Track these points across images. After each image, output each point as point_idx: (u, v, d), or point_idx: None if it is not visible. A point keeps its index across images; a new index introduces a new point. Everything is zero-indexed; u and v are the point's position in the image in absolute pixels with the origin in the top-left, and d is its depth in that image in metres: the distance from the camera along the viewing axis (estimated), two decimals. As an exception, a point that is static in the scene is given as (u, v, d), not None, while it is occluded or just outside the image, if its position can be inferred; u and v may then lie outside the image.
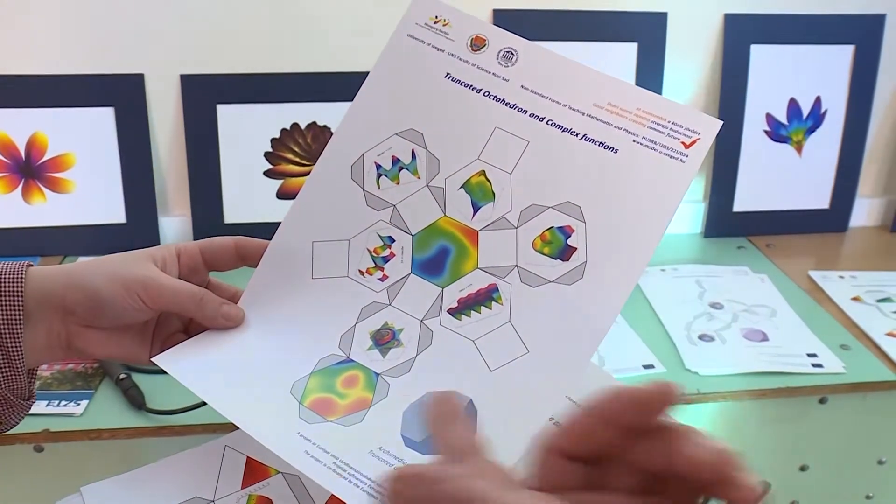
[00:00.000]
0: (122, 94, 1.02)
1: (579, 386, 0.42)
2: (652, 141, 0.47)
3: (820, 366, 0.84)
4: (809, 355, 0.86)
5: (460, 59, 0.51)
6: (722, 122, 0.46)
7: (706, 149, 0.46)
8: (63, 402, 0.75)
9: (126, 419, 0.74)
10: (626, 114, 0.48)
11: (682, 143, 0.46)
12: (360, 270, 0.51)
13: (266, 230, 0.54)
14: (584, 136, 0.48)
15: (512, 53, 0.51)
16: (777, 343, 0.89)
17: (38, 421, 0.72)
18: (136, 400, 0.75)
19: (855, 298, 0.99)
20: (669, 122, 0.47)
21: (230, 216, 1.06)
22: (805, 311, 0.96)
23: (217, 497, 0.52)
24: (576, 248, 0.47)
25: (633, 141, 0.47)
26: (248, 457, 0.55)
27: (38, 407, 0.74)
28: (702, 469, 0.28)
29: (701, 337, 0.90)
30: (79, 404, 0.75)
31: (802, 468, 0.86)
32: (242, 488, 0.53)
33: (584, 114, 0.49)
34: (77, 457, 0.73)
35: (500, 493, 0.26)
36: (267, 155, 1.06)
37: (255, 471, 0.54)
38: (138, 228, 1.05)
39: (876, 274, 1.06)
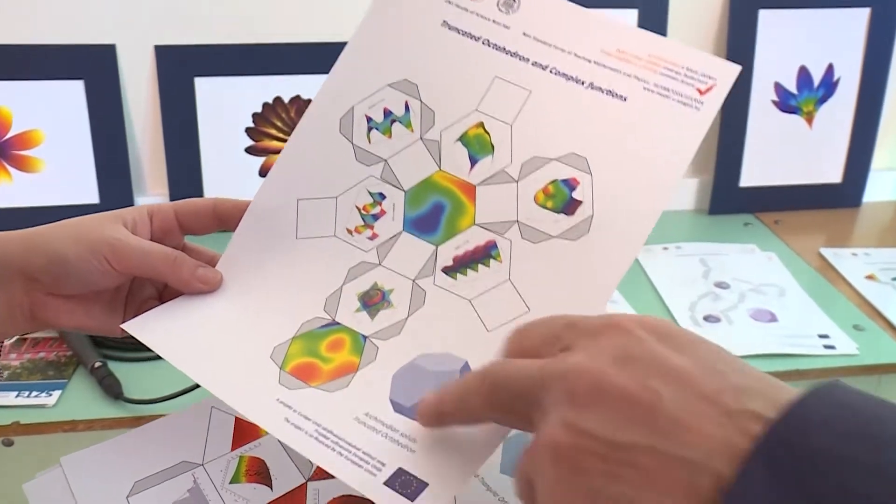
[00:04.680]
0: (92, 66, 1.01)
1: None
2: (664, 88, 0.46)
3: (832, 347, 0.84)
4: (821, 336, 0.86)
5: (458, 7, 0.51)
6: (740, 67, 0.46)
7: (723, 95, 0.46)
8: (34, 393, 0.75)
9: (102, 409, 0.73)
10: (635, 60, 0.47)
11: (697, 89, 0.46)
12: (348, 229, 0.50)
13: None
14: (590, 84, 0.48)
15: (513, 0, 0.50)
16: (786, 324, 0.89)
17: (7, 413, 0.72)
18: (112, 389, 0.74)
19: (869, 277, 1.00)
20: (683, 67, 0.46)
21: (210, 195, 1.04)
22: (816, 290, 0.96)
23: (206, 460, 0.52)
24: (581, 202, 0.46)
25: (644, 88, 0.47)
26: (236, 417, 0.54)
27: (8, 398, 0.74)
28: None
29: (706, 318, 0.90)
30: (51, 394, 0.75)
31: (814, 454, 0.86)
32: (233, 450, 0.53)
33: (590, 61, 0.48)
34: (50, 450, 0.72)
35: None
36: (248, 131, 1.06)
37: (244, 431, 0.54)
38: (112, 209, 1.04)
39: (891, 251, 1.07)
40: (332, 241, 0.51)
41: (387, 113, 0.51)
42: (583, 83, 0.48)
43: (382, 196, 0.50)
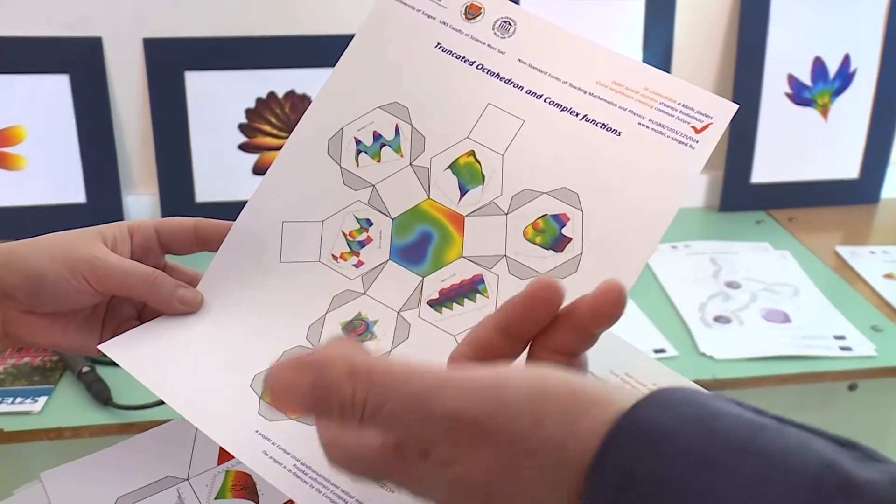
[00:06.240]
0: (78, 60, 1.01)
1: None
2: (659, 124, 0.47)
3: (848, 349, 0.84)
4: (837, 337, 0.86)
5: (453, 29, 0.51)
6: (738, 107, 0.47)
7: (718, 135, 0.46)
8: (18, 399, 0.75)
9: (90, 416, 0.74)
10: (631, 94, 0.47)
11: (693, 127, 0.46)
12: (333, 255, 0.51)
13: (240, 209, 0.54)
14: (584, 116, 0.48)
15: (510, 24, 0.51)
16: (801, 324, 0.89)
17: (-10, 420, 0.72)
18: (101, 394, 0.74)
19: (888, 275, 0.99)
20: (679, 104, 0.47)
21: (202, 194, 1.06)
22: (831, 289, 0.96)
23: (191, 475, 0.52)
24: (571, 239, 0.47)
25: (639, 123, 0.47)
26: None
27: (-9, 405, 0.74)
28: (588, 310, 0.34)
29: (716, 318, 0.90)
30: (36, 401, 0.75)
31: (829, 460, 0.86)
32: (219, 464, 0.53)
33: (585, 92, 0.48)
34: (36, 459, 0.72)
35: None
36: (241, 127, 1.05)
37: None
38: (100, 209, 1.04)
39: (910, 249, 1.06)
40: (316, 266, 0.51)
41: (376, 136, 0.51)
42: (577, 115, 0.48)
43: (369, 222, 0.50)
